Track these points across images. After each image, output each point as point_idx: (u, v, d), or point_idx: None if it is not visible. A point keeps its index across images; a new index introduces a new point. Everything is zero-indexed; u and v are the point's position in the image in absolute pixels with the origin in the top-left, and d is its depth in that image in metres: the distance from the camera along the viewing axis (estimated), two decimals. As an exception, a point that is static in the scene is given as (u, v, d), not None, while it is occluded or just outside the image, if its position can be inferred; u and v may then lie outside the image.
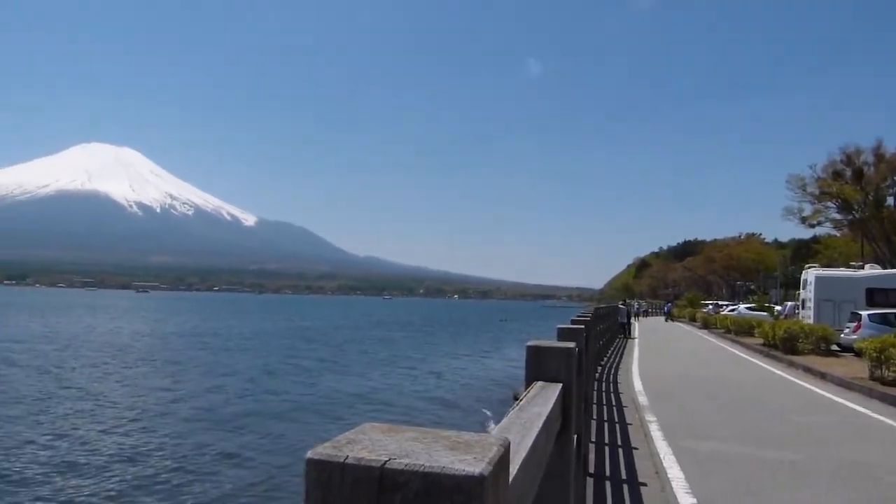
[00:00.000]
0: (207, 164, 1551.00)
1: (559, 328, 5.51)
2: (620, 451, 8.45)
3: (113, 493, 11.25)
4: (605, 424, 10.16)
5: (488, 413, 19.78)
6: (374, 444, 0.86)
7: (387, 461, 0.81)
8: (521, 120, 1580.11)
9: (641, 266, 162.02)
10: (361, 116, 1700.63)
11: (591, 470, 7.24)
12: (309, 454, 0.85)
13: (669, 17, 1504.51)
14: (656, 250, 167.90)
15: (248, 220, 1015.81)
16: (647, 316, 65.04)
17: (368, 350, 42.09)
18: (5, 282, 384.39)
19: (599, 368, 16.33)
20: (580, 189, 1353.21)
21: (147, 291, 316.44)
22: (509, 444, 0.94)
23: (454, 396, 23.30)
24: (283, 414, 18.68)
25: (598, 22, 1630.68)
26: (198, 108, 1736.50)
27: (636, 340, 30.24)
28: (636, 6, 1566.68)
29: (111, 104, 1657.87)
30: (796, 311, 32.89)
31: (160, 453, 13.64)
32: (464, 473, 0.81)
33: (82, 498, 10.97)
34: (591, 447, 8.04)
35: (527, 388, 2.69)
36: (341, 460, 0.82)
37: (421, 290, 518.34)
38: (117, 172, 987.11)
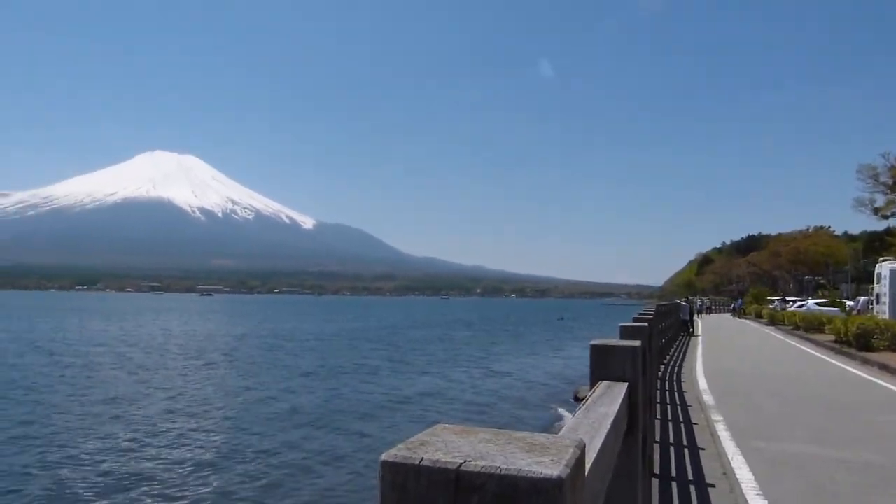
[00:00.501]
0: (266, 168, 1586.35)
1: (622, 326, 5.42)
2: (686, 451, 8.25)
3: (209, 487, 11.73)
4: (670, 424, 9.93)
5: (552, 412, 19.71)
6: (447, 445, 0.84)
7: (462, 463, 0.80)
8: (578, 117, 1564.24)
9: (703, 262, 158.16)
10: (417, 118, 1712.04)
11: (657, 470, 7.10)
12: (383, 456, 0.85)
13: (726, 4, 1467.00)
14: (719, 245, 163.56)
15: (307, 223, 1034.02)
16: (710, 313, 63.42)
17: (431, 350, 42.54)
18: (77, 287, 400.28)
19: (662, 367, 16.01)
20: (639, 185, 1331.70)
21: (211, 294, 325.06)
22: (585, 445, 0.92)
23: (516, 395, 23.33)
24: (354, 413, 19.06)
25: (651, 13, 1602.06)
26: (256, 114, 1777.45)
27: (699, 338, 29.53)
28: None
29: (173, 112, 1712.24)
30: (870, 307, 31.71)
31: (244, 453, 14.07)
32: (541, 476, 0.79)
33: (182, 494, 11.43)
34: (656, 447, 7.88)
35: (592, 387, 2.65)
36: (416, 462, 0.81)
37: (478, 290, 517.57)
38: (180, 179, 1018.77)
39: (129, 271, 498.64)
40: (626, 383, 2.64)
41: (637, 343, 2.98)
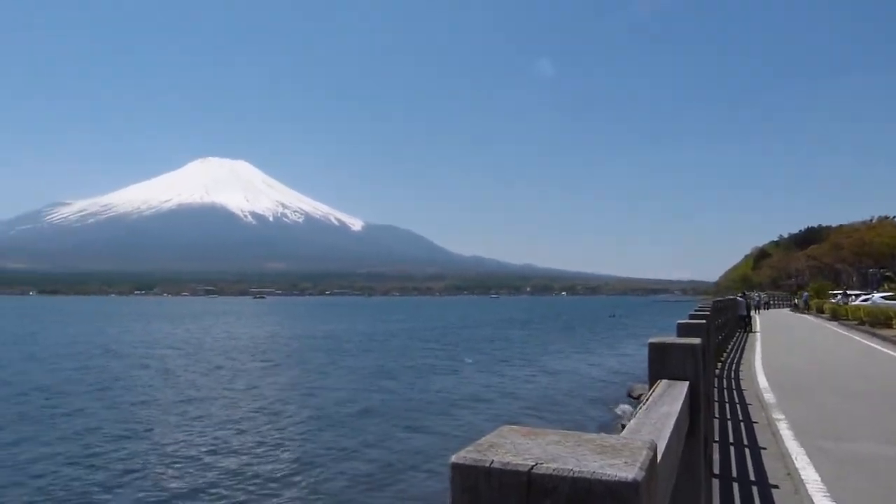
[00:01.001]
0: (314, 172, 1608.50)
1: (679, 323, 5.31)
2: (747, 451, 8.03)
3: (291, 486, 12.08)
4: (729, 423, 9.71)
5: (607, 410, 19.54)
6: (516, 447, 0.83)
7: (534, 466, 0.78)
8: (628, 110, 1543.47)
9: (760, 256, 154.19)
10: (464, 118, 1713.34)
11: (717, 471, 6.92)
12: (453, 458, 0.85)
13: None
14: (776, 239, 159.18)
15: (355, 224, 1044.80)
16: (768, 308, 61.75)
17: (485, 349, 42.77)
18: (136, 292, 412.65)
19: (719, 364, 15.65)
20: (693, 179, 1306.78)
21: (264, 297, 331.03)
22: (657, 447, 0.90)
23: (570, 393, 23.22)
24: (417, 412, 19.34)
25: (709, 7, 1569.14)
26: (303, 118, 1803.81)
27: (758, 334, 28.79)
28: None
29: (224, 119, 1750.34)
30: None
31: (319, 453, 14.40)
32: (616, 479, 0.77)
33: (266, 491, 11.82)
34: (715, 447, 7.69)
35: (651, 386, 2.62)
36: (487, 465, 0.80)
37: (528, 289, 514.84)
38: (232, 184, 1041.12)
39: (185, 276, 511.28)
40: (687, 382, 2.57)
41: (697, 341, 2.91)
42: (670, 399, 2.16)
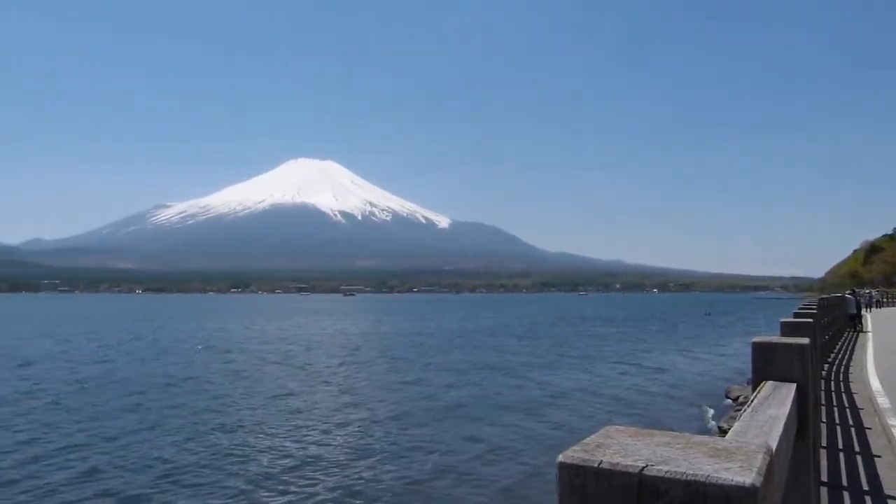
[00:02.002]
0: (401, 170, 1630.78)
1: (783, 322, 5.09)
2: (859, 458, 7.63)
3: (397, 478, 12.48)
4: (838, 428, 9.23)
5: (703, 410, 19.09)
6: (624, 448, 0.82)
7: (644, 467, 0.77)
8: (726, 101, 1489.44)
9: (871, 251, 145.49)
10: (547, 114, 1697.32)
11: (825, 478, 6.59)
12: (560, 458, 0.83)
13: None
14: (889, 232, 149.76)
15: (442, 222, 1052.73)
16: (879, 307, 58.19)
17: (577, 346, 42.65)
18: (232, 290, 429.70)
19: (826, 365, 14.90)
20: (794, 170, 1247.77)
21: (353, 294, 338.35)
22: (773, 451, 0.87)
23: (664, 392, 22.91)
24: (513, 409, 19.57)
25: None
26: (391, 117, 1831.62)
27: (869, 334, 27.22)
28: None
29: (314, 121, 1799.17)
30: None
31: (422, 447, 14.79)
32: (733, 483, 0.75)
33: (368, 482, 12.28)
34: (823, 453, 7.33)
35: (754, 387, 2.54)
36: (595, 465, 0.79)
37: (617, 285, 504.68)
38: (322, 184, 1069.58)
39: (279, 274, 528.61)
40: (794, 384, 2.51)
41: (805, 340, 2.83)
42: (777, 402, 2.12)
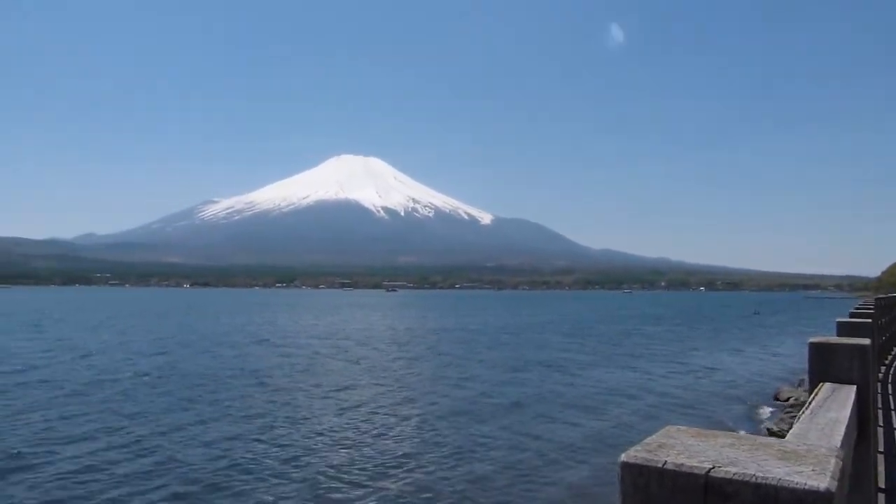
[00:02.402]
0: (444, 166, 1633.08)
1: (839, 322, 4.94)
2: (919, 463, 7.37)
3: (461, 475, 12.72)
4: (895, 432, 8.94)
5: (751, 411, 18.84)
6: (688, 449, 0.79)
7: (711, 469, 0.75)
8: (772, 97, 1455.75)
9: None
10: (589, 109, 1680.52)
11: (882, 484, 6.41)
12: (623, 458, 0.80)
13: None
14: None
15: (485, 218, 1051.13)
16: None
17: (624, 344, 42.69)
18: (277, 285, 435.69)
19: (883, 368, 14.49)
20: (846, 166, 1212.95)
21: (396, 290, 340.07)
22: (843, 454, 0.82)
23: (712, 391, 22.89)
24: (564, 406, 19.80)
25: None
26: (433, 114, 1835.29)
27: (928, 335, 26.35)
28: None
29: (358, 118, 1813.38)
30: None
31: (480, 444, 14.97)
32: (806, 488, 0.71)
33: (434, 478, 12.57)
34: (880, 458, 7.13)
35: (811, 389, 2.51)
36: (659, 465, 0.76)
37: (662, 283, 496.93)
38: (365, 181, 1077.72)
39: (322, 269, 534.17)
40: (854, 386, 2.44)
41: (866, 341, 2.74)
42: (837, 404, 2.07)
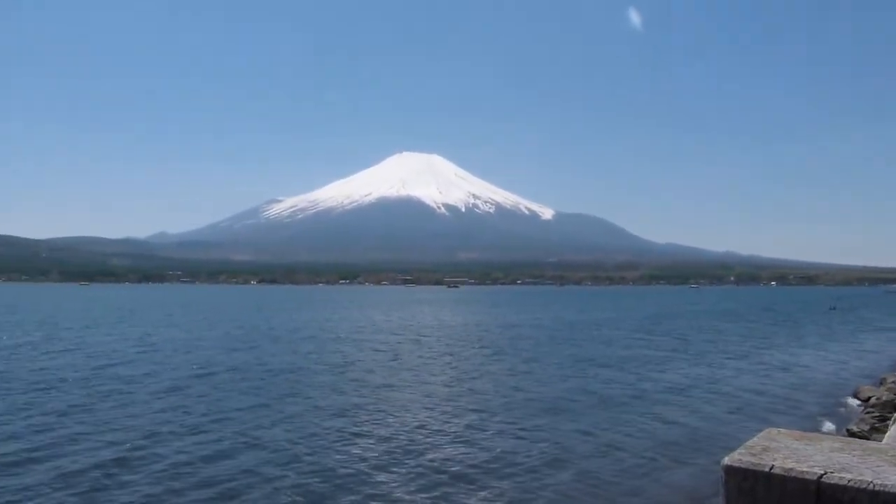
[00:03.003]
0: (504, 162, 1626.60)
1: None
2: None
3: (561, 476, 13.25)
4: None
5: (830, 412, 18.85)
6: (794, 453, 0.79)
7: (823, 474, 0.74)
8: (847, 88, 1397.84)
9: None
10: (654, 101, 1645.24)
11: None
12: (726, 461, 0.82)
13: None
14: None
15: (546, 213, 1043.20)
16: None
17: (695, 340, 42.72)
18: (340, 281, 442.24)
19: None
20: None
21: (457, 287, 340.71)
22: None
23: (791, 391, 22.94)
24: (637, 401, 20.31)
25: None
26: (494, 111, 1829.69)
27: None
28: None
29: (419, 116, 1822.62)
30: None
31: (578, 442, 15.49)
32: None
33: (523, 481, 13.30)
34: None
35: None
36: (766, 469, 0.77)
37: (731, 278, 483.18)
38: (426, 178, 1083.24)
39: (384, 265, 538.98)
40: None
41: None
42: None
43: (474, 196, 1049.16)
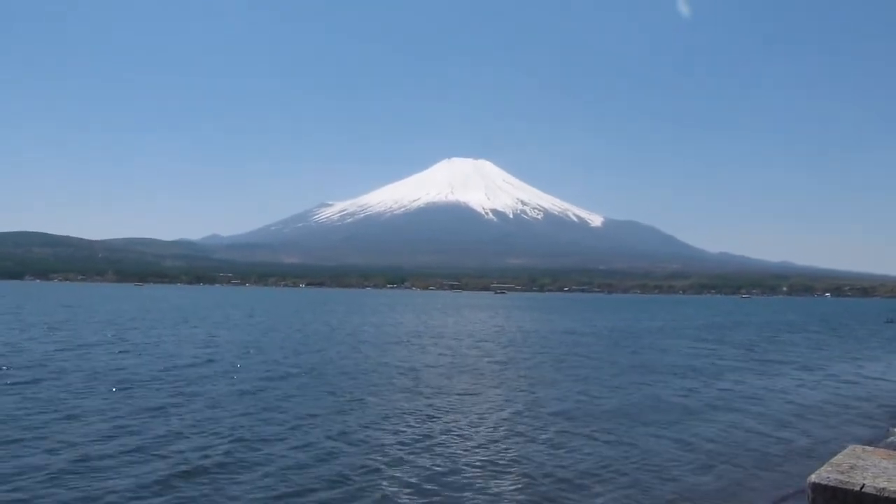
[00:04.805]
0: (553, 169, 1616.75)
1: None
2: None
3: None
4: None
5: (882, 432, 18.77)
6: (884, 472, 0.92)
7: None
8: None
9: None
10: (708, 108, 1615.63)
11: None
12: (813, 478, 0.98)
13: None
14: None
15: (595, 220, 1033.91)
16: None
17: (756, 349, 42.87)
18: (388, 286, 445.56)
19: None
20: None
21: (504, 293, 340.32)
22: None
23: (852, 406, 22.47)
24: (694, 414, 20.30)
25: None
26: (541, 115, 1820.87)
27: None
28: None
29: (468, 121, 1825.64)
30: None
31: (593, 451, 15.93)
32: None
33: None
34: None
35: None
36: (856, 489, 0.91)
37: (784, 288, 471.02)
38: (475, 183, 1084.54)
39: (431, 270, 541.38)
40: None
41: None
42: None
43: (522, 202, 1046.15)
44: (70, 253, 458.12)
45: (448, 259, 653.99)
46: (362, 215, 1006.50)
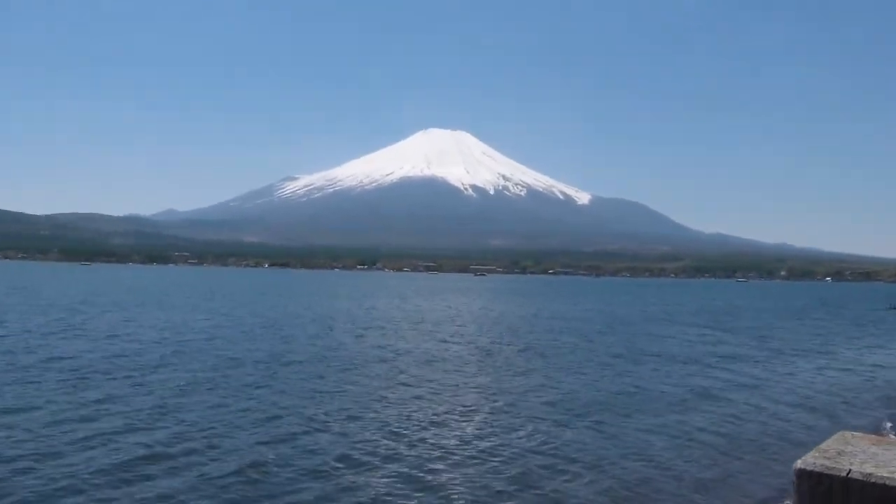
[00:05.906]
0: (537, 142, 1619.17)
1: None
2: None
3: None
4: None
5: (876, 423, 19.37)
6: (873, 457, 0.87)
7: None
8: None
9: None
10: (701, 82, 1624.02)
11: None
12: (798, 464, 0.90)
13: None
14: None
15: (582, 198, 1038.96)
16: None
17: (751, 336, 43.91)
18: (358, 267, 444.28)
19: None
20: None
21: (484, 275, 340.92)
22: None
23: (849, 396, 23.05)
24: (713, 398, 21.01)
25: None
26: (527, 86, 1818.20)
27: None
28: None
29: (447, 90, 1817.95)
30: None
31: (646, 441, 16.24)
32: None
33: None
34: None
35: None
36: (843, 474, 0.85)
37: (782, 272, 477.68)
38: (453, 157, 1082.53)
39: (406, 251, 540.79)
40: None
41: None
42: None
43: (504, 177, 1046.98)
44: (9, 228, 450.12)
45: (424, 239, 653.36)
46: (331, 190, 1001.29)
